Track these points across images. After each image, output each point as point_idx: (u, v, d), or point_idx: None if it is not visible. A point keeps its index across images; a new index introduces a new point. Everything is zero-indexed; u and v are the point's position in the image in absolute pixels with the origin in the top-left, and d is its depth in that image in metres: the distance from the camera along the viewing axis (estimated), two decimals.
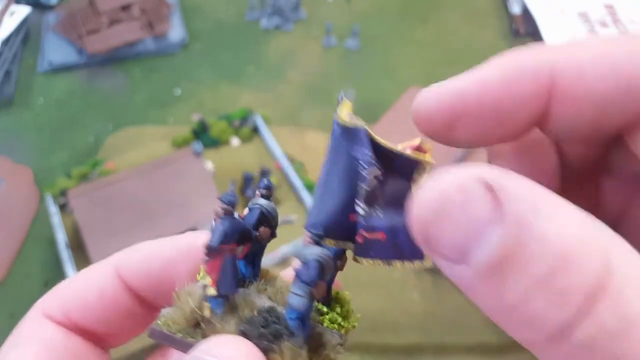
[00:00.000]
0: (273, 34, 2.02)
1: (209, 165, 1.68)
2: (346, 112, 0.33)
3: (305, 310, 0.35)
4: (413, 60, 1.95)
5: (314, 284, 0.34)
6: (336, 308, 0.40)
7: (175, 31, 1.98)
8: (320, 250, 0.34)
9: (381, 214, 0.34)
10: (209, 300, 0.36)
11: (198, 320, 0.37)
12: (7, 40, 1.89)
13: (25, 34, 1.97)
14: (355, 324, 0.40)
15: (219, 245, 0.35)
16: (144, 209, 1.60)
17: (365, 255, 0.35)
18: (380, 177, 0.34)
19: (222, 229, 0.35)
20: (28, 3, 2.02)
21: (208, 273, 0.36)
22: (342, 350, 0.38)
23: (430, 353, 1.40)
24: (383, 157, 0.34)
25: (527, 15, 1.99)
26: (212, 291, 0.36)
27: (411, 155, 0.35)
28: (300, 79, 1.90)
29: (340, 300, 0.41)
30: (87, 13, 1.97)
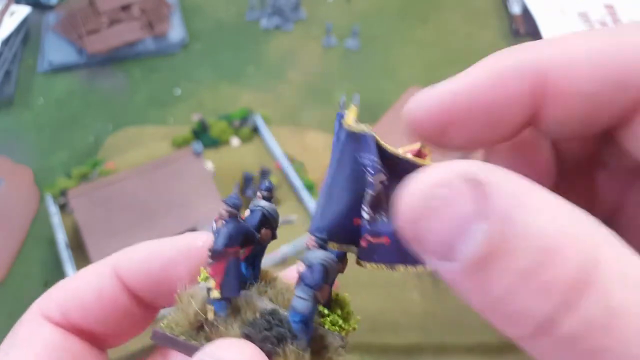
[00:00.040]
0: (273, 34, 2.01)
1: (209, 165, 1.68)
2: (353, 118, 0.34)
3: (309, 314, 0.35)
4: (413, 60, 1.95)
5: (319, 287, 0.34)
6: (337, 310, 0.41)
7: (175, 31, 1.98)
8: (324, 254, 0.34)
9: (386, 219, 0.34)
10: (213, 303, 0.36)
11: (201, 323, 0.37)
12: (7, 40, 1.89)
13: (25, 34, 1.97)
14: (355, 326, 0.40)
15: (224, 249, 0.35)
16: (144, 209, 1.60)
17: (369, 260, 0.35)
18: (386, 182, 0.34)
19: (227, 232, 0.35)
20: (28, 3, 2.02)
21: (212, 276, 0.36)
22: (344, 353, 0.39)
23: (430, 353, 1.40)
24: (388, 162, 0.34)
25: (527, 15, 1.99)
26: (216, 294, 0.36)
27: (412, 160, 0.35)
28: (300, 79, 1.90)
29: (340, 302, 0.41)
30: (87, 13, 1.97)
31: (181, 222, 1.56)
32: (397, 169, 0.35)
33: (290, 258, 1.51)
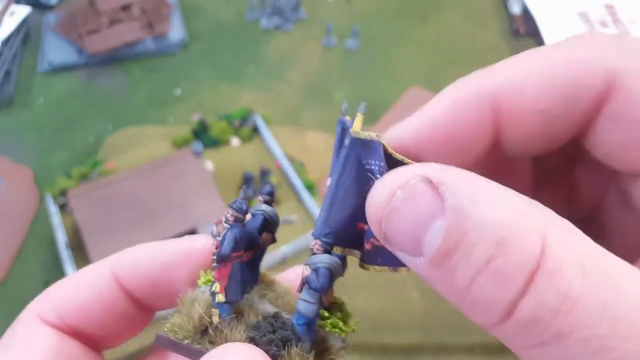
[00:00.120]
0: (273, 34, 2.01)
1: (209, 165, 1.68)
2: (359, 125, 0.34)
3: (314, 317, 0.35)
4: (413, 60, 1.95)
5: (325, 291, 0.35)
6: (336, 313, 0.41)
7: (175, 31, 1.98)
8: (329, 258, 0.35)
9: None
10: (218, 307, 0.36)
11: (206, 327, 0.37)
12: (7, 40, 1.89)
13: (25, 34, 1.97)
14: (354, 328, 0.41)
15: (230, 253, 0.35)
16: (144, 209, 1.60)
17: (373, 262, 0.36)
18: None
19: (233, 236, 0.35)
20: (28, 3, 2.02)
21: (217, 280, 0.36)
22: (345, 354, 0.39)
23: (430, 353, 1.40)
24: (395, 168, 0.35)
25: (527, 15, 1.99)
26: (222, 298, 0.36)
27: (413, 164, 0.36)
28: (300, 79, 1.90)
29: (339, 304, 0.42)
30: (87, 13, 1.97)
31: (181, 222, 1.56)
32: None
33: (290, 258, 1.51)
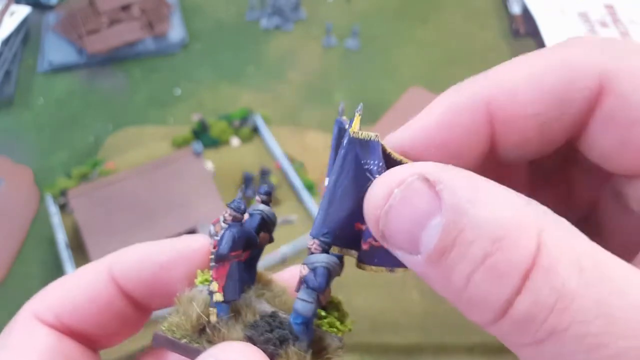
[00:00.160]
0: (273, 34, 2.02)
1: (209, 165, 1.69)
2: (358, 125, 0.35)
3: (312, 316, 0.36)
4: (413, 60, 1.95)
5: (322, 290, 0.35)
6: (333, 312, 0.41)
7: (175, 31, 1.98)
8: (327, 258, 0.35)
9: None
10: (216, 306, 0.36)
11: (203, 326, 0.37)
12: (7, 40, 1.89)
13: (25, 34, 1.97)
14: (351, 327, 0.41)
15: (229, 253, 0.35)
16: (144, 209, 1.60)
17: (370, 263, 0.36)
18: None
19: (232, 235, 0.35)
20: (28, 3, 2.02)
21: (215, 279, 0.36)
22: (342, 354, 0.39)
23: (430, 353, 1.40)
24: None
25: (527, 15, 1.99)
26: (220, 297, 0.36)
27: None
28: (300, 79, 1.90)
29: (336, 304, 0.42)
30: (87, 13, 1.97)
31: (181, 222, 1.56)
32: None
33: (290, 258, 1.51)
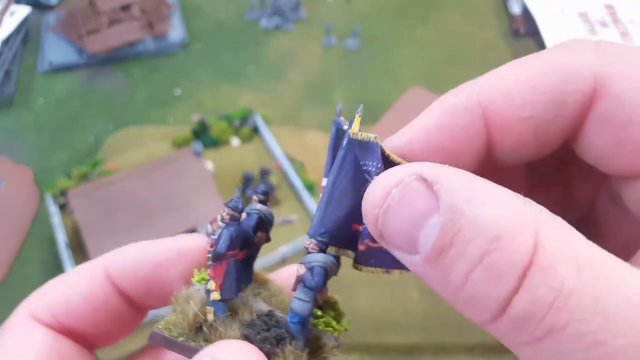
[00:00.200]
0: (273, 34, 2.02)
1: (209, 165, 1.68)
2: (358, 126, 0.35)
3: (308, 315, 0.36)
4: (413, 60, 1.95)
5: (319, 290, 0.35)
6: (329, 312, 0.41)
7: (175, 31, 1.98)
8: (324, 257, 0.35)
9: None
10: (213, 305, 0.36)
11: (200, 324, 0.37)
12: (7, 40, 1.89)
13: (25, 34, 1.97)
14: (347, 327, 0.41)
15: (226, 251, 0.35)
16: (144, 209, 1.60)
17: (367, 264, 0.36)
18: None
19: (229, 234, 0.35)
20: (28, 3, 2.02)
21: (212, 278, 0.36)
22: (338, 353, 0.39)
23: (430, 353, 1.40)
24: None
25: (527, 15, 1.99)
26: (217, 296, 0.36)
27: None
28: (300, 79, 1.90)
29: (332, 303, 0.42)
30: (87, 13, 1.97)
31: (181, 222, 1.56)
32: None
33: (289, 258, 1.51)
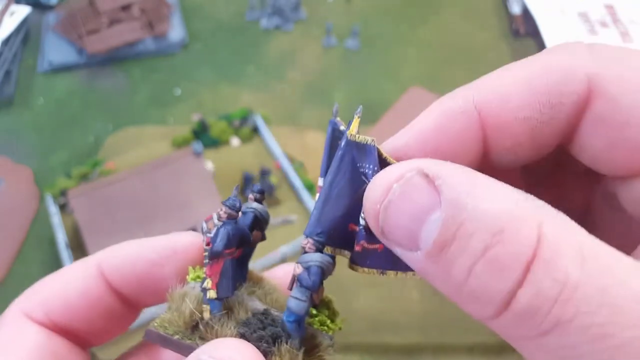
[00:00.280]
0: (273, 34, 2.02)
1: (209, 165, 1.69)
2: (357, 127, 0.35)
3: (304, 314, 0.36)
4: (413, 60, 1.95)
5: (315, 289, 0.35)
6: (324, 311, 0.41)
7: (175, 31, 1.98)
8: (321, 257, 0.35)
9: None
10: (209, 303, 0.36)
11: (196, 323, 0.37)
12: (7, 40, 1.89)
13: (25, 34, 1.97)
14: (341, 326, 0.42)
15: (223, 250, 0.35)
16: (144, 209, 1.60)
17: (362, 264, 0.36)
18: None
19: (226, 233, 0.35)
20: (28, 3, 2.02)
21: (208, 276, 0.36)
22: (333, 352, 0.39)
23: (430, 353, 1.40)
24: None
25: (527, 15, 1.99)
26: (213, 294, 0.36)
27: None
28: (300, 79, 1.90)
29: (326, 302, 0.42)
30: (87, 13, 1.97)
31: (181, 222, 1.56)
32: None
33: (289, 258, 1.51)
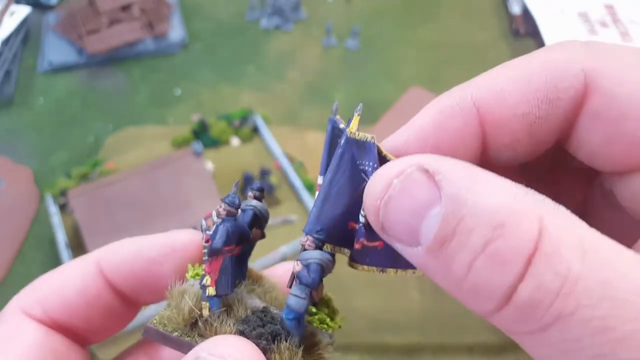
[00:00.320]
0: (273, 34, 2.02)
1: (209, 165, 1.68)
2: (357, 125, 0.35)
3: (304, 312, 0.35)
4: (413, 60, 1.95)
5: (315, 287, 0.35)
6: (323, 309, 0.41)
7: (175, 31, 1.98)
8: (320, 254, 0.35)
9: None
10: (208, 300, 0.36)
11: (195, 320, 0.37)
12: (7, 40, 1.89)
13: (25, 34, 1.97)
14: (340, 324, 0.41)
15: (222, 247, 0.35)
16: (144, 209, 1.60)
17: (362, 262, 0.36)
18: None
19: (226, 230, 0.35)
20: (28, 3, 2.02)
21: (208, 273, 0.36)
22: (332, 350, 0.39)
23: (430, 353, 1.40)
24: None
25: (527, 15, 1.99)
26: (212, 291, 0.36)
27: None
28: (300, 79, 1.90)
29: (326, 301, 0.42)
30: (87, 13, 1.97)
31: (181, 222, 1.56)
32: None
33: (289, 258, 1.51)
